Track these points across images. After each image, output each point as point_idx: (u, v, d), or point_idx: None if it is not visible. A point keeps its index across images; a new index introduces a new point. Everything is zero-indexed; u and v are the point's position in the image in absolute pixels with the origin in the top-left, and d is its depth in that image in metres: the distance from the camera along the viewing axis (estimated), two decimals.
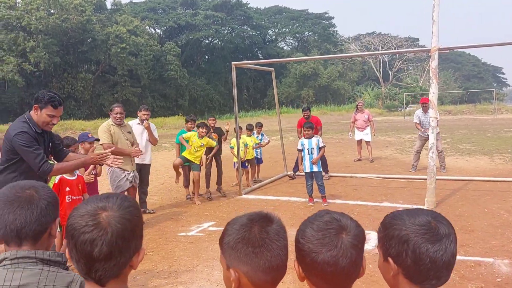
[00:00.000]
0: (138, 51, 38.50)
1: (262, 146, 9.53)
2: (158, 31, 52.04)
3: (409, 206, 6.72)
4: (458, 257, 4.29)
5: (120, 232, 1.05)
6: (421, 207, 5.64)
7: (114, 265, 1.05)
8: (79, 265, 1.06)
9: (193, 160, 7.16)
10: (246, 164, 8.88)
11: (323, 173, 9.11)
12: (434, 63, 6.45)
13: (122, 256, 1.06)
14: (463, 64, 79.56)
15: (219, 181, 7.99)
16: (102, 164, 3.93)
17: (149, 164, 6.88)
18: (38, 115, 3.25)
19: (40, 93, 3.29)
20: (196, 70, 50.82)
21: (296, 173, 9.31)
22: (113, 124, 5.80)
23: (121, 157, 4.89)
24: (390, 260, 1.15)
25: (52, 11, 33.17)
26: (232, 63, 8.32)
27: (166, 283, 4.01)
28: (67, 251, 1.10)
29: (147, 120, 6.58)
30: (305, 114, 9.34)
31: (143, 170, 6.71)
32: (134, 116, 7.70)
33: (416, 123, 9.84)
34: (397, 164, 11.26)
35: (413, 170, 9.81)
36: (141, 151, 5.85)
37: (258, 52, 57.77)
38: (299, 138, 9.38)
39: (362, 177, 9.40)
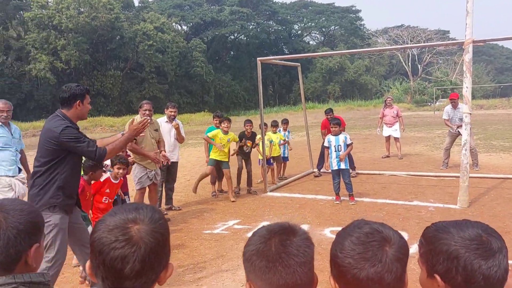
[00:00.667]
0: (165, 48, 38.94)
1: (288, 143, 9.44)
2: (184, 27, 52.51)
3: (441, 206, 6.52)
4: None
5: (153, 247, 0.98)
6: (453, 206, 5.40)
7: (145, 283, 0.99)
8: (105, 283, 0.98)
9: (221, 159, 7.17)
10: (272, 161, 8.80)
11: (350, 170, 8.95)
12: (468, 56, 6.18)
13: (153, 273, 1.00)
14: (496, 57, 76.73)
15: (249, 182, 7.95)
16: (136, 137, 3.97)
17: (177, 162, 6.91)
18: (81, 108, 3.32)
19: (69, 89, 3.28)
20: (221, 66, 51.04)
21: (321, 170, 9.17)
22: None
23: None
24: (438, 277, 1.06)
25: (81, 9, 33.96)
26: (258, 58, 8.25)
27: (191, 282, 3.99)
28: (88, 266, 1.02)
29: (175, 117, 6.61)
30: (329, 117, 9.18)
31: (171, 168, 6.74)
32: (161, 112, 7.75)
33: (445, 119, 9.60)
34: (427, 161, 10.93)
35: (444, 168, 9.51)
36: (161, 160, 5.72)
37: (284, 47, 57.41)
38: (323, 139, 9.27)
39: (390, 175, 9.17)
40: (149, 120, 3.77)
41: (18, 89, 32.32)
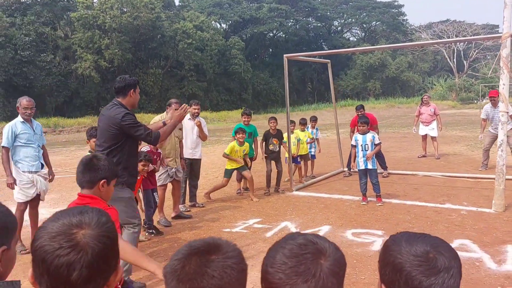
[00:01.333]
0: (204, 46, 39.40)
1: (317, 142, 9.28)
2: (224, 25, 52.90)
3: (474, 209, 6.17)
4: None
5: (100, 251, 0.94)
6: (487, 210, 5.12)
7: None
8: None
9: (237, 167, 7.15)
10: (299, 160, 8.68)
11: (382, 171, 8.68)
12: (505, 51, 5.82)
13: (102, 278, 0.96)
14: None
15: (278, 181, 7.86)
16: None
17: (200, 159, 6.94)
18: (134, 96, 3.78)
19: (123, 79, 3.75)
20: (259, 63, 51.04)
21: (352, 170, 8.95)
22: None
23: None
24: (383, 286, 1.07)
25: (124, 9, 34.93)
26: (284, 55, 8.16)
27: None
28: (31, 275, 0.97)
29: (199, 115, 6.65)
30: (359, 113, 8.93)
31: (194, 165, 6.80)
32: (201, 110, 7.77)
33: (482, 119, 9.32)
34: (466, 161, 10.42)
35: (483, 169, 9.03)
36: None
37: (323, 44, 56.57)
38: (350, 137, 9.03)
39: (424, 175, 8.80)
40: (187, 106, 4.09)
41: (65, 87, 33.74)
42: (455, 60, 52.24)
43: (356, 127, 8.68)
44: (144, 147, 5.36)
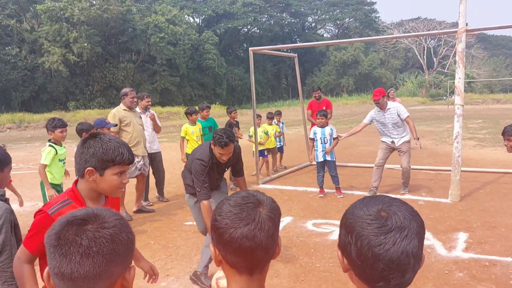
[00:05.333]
0: (177, 41, 38.93)
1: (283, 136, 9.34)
2: (197, 20, 52.41)
3: (432, 199, 6.35)
4: (472, 256, 3.94)
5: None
6: (444, 200, 5.27)
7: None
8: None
9: None
10: (266, 153, 8.72)
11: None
12: (460, 46, 5.98)
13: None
14: None
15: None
16: None
17: (159, 152, 6.84)
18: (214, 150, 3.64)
19: (220, 134, 3.53)
20: (234, 59, 50.88)
21: (310, 163, 9.07)
22: (125, 109, 5.84)
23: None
24: (339, 251, 1.04)
25: (93, 1, 34.12)
26: (250, 48, 8.16)
27: (159, 272, 3.95)
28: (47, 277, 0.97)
29: (150, 108, 6.56)
30: (316, 95, 9.01)
31: (155, 159, 6.70)
32: (173, 105, 7.67)
33: (364, 124, 7.06)
34: (430, 155, 10.70)
35: (371, 193, 6.64)
36: None
37: (298, 39, 56.85)
38: (310, 121, 9.14)
39: (388, 168, 8.97)
40: None
41: (31, 81, 32.73)
42: (425, 57, 53.48)
43: (312, 111, 8.82)
44: None
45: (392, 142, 6.85)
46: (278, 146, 9.17)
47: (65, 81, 34.03)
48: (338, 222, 4.28)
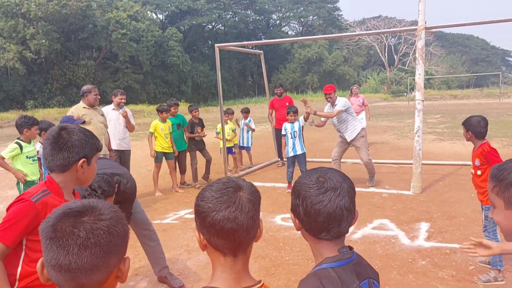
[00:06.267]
0: (139, 37, 38.14)
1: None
2: (160, 16, 51.53)
3: (394, 192, 6.56)
4: (433, 244, 4.08)
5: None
6: (406, 192, 5.45)
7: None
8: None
9: (168, 150, 7.03)
10: (233, 150, 8.72)
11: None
12: (420, 43, 6.20)
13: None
14: (471, 47, 77.98)
15: (207, 169, 7.75)
16: None
17: (129, 150, 6.73)
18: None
19: (93, 187, 2.58)
20: (199, 56, 50.41)
21: (284, 159, 9.14)
22: (85, 106, 5.67)
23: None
24: (291, 214, 1.28)
25: None
26: (215, 45, 8.13)
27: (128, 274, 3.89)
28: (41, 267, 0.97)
29: (123, 106, 6.44)
30: (278, 91, 9.12)
31: (123, 157, 6.58)
32: (136, 103, 7.53)
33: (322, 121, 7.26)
34: (393, 149, 11.04)
35: (370, 184, 7.14)
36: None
37: (262, 37, 57.01)
38: (269, 121, 9.24)
39: (353, 163, 9.21)
40: None
41: None
42: (386, 54, 54.91)
43: (274, 109, 8.94)
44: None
45: (345, 139, 7.05)
46: (245, 146, 9.08)
47: (22, 79, 32.67)
48: None
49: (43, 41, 31.60)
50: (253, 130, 8.96)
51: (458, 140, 11.96)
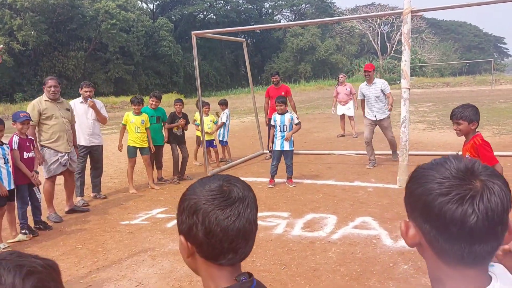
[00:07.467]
0: (130, 27, 37.44)
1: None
2: (150, 5, 50.67)
3: (380, 185, 6.26)
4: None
5: None
6: (392, 186, 5.14)
7: None
8: None
9: (141, 145, 6.65)
10: (215, 143, 8.37)
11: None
12: (406, 27, 5.84)
13: None
14: (464, 34, 77.57)
15: (183, 169, 7.36)
16: None
17: (101, 146, 6.37)
18: None
19: None
20: (190, 46, 49.52)
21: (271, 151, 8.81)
22: (47, 99, 5.29)
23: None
24: (181, 237, 0.98)
25: None
26: (192, 32, 7.72)
27: (82, 283, 3.55)
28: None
29: (91, 98, 6.05)
30: (274, 80, 8.74)
31: (94, 153, 6.23)
32: (128, 94, 7.15)
33: (361, 100, 7.87)
34: (382, 139, 10.64)
35: (371, 166, 7.54)
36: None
37: (254, 26, 56.31)
38: (265, 109, 8.85)
39: (340, 154, 8.90)
40: None
41: None
42: (379, 42, 54.43)
43: (270, 98, 8.55)
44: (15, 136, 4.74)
45: (375, 116, 7.64)
46: (221, 140, 8.67)
47: (10, 71, 31.99)
48: (285, 214, 4.00)
49: (31, 32, 30.91)
50: (222, 124, 8.48)
51: (449, 129, 11.65)
